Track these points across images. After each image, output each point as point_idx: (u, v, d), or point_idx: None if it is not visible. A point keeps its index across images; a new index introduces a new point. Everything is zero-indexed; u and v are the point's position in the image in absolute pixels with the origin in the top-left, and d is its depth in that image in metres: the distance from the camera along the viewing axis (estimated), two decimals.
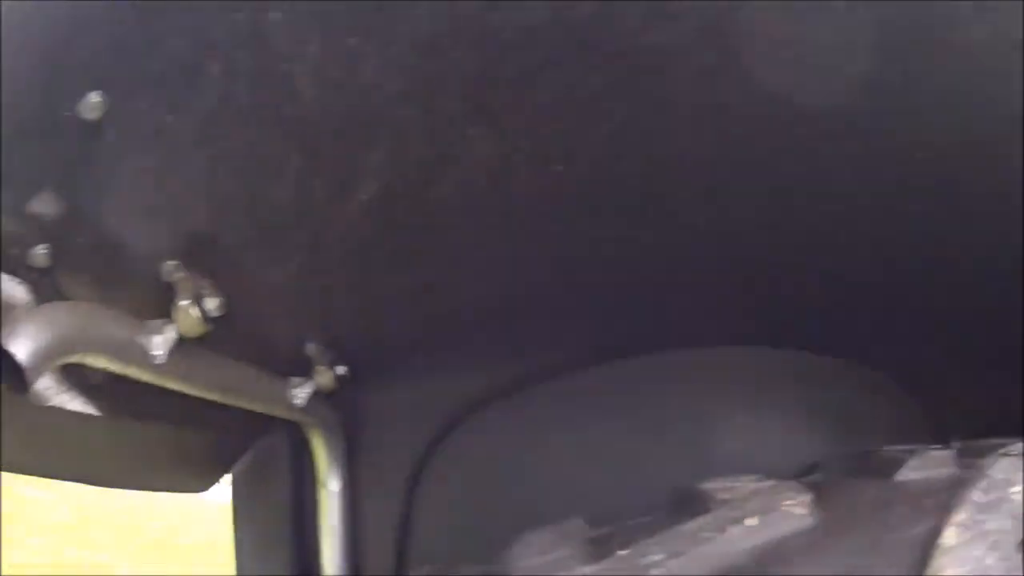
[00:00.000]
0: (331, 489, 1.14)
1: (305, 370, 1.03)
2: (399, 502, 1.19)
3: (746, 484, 0.75)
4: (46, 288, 0.89)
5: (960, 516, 0.64)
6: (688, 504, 0.74)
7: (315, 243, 0.90)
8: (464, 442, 1.19)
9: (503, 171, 0.82)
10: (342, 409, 1.13)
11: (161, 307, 0.84)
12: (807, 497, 0.70)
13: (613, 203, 0.88)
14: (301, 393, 1.03)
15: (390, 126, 0.78)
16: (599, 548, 0.70)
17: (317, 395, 1.04)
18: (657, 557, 0.65)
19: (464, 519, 1.20)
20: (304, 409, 1.03)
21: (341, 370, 1.04)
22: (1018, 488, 0.67)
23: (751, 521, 0.68)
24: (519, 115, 0.77)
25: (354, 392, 1.11)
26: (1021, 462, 0.70)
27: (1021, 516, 0.64)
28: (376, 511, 1.20)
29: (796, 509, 0.69)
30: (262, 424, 1.14)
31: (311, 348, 1.03)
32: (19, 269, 0.88)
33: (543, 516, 0.82)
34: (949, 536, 0.62)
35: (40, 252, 0.88)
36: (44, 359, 0.66)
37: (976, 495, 0.66)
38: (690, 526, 0.69)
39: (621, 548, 0.68)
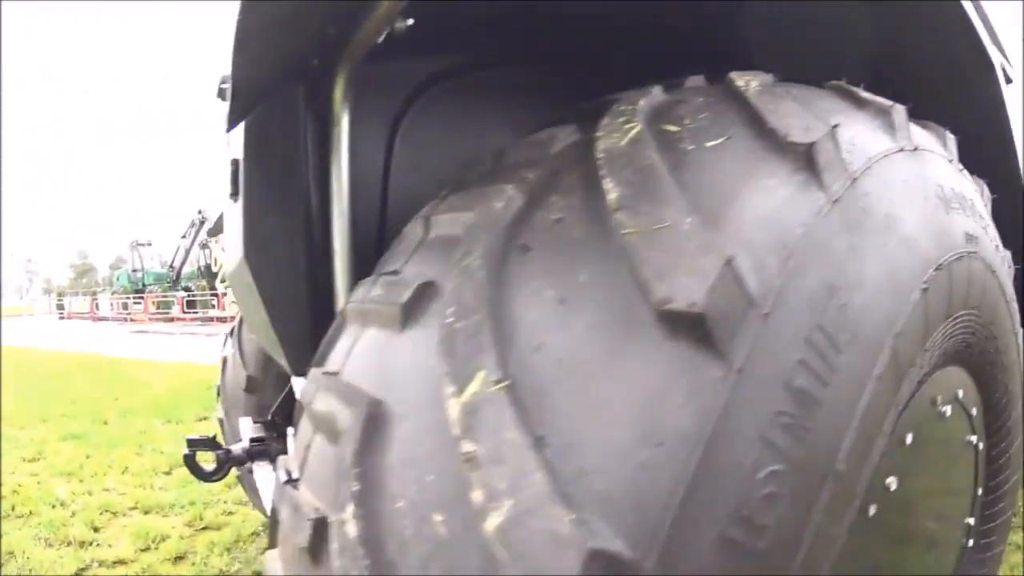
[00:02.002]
0: (340, 138, 1.40)
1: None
2: (382, 152, 1.60)
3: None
4: None
5: None
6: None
7: None
8: (424, 111, 1.63)
9: None
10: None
11: None
12: None
13: None
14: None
15: None
16: None
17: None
18: None
19: (425, 167, 1.61)
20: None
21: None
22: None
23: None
24: None
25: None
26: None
27: None
28: (366, 160, 1.54)
29: None
30: (285, 72, 1.35)
31: None
32: None
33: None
34: None
35: None
36: None
37: None
38: None
39: None
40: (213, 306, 30.36)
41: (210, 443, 2.48)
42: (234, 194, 1.55)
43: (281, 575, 0.93)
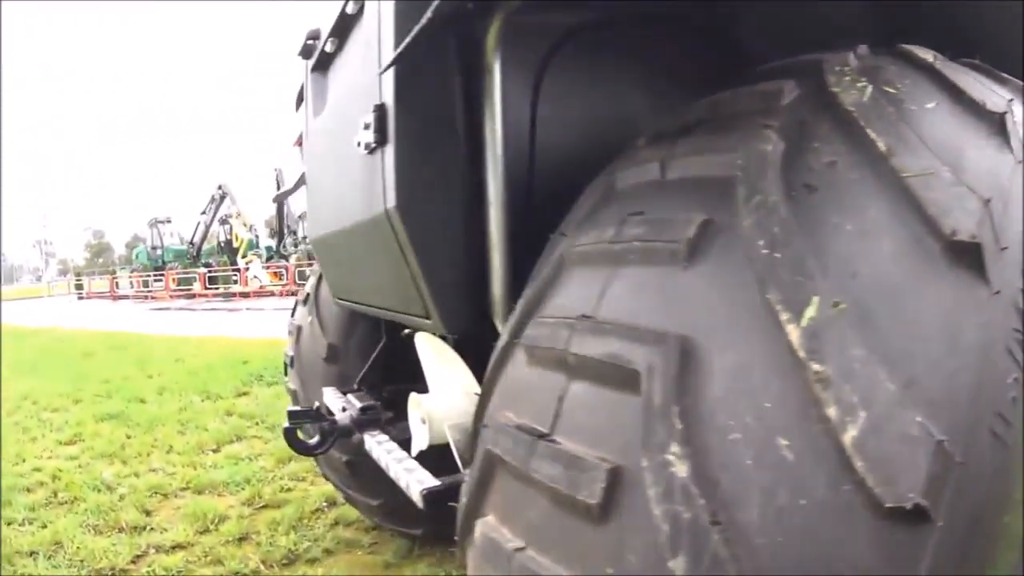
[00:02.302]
0: (492, 87, 1.41)
1: None
2: (528, 102, 1.60)
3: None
4: None
5: None
6: None
7: None
8: (566, 61, 1.64)
9: None
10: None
11: None
12: None
13: None
14: None
15: None
16: None
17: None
18: None
19: (567, 119, 1.66)
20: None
21: None
22: None
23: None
24: None
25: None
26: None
27: None
28: (511, 110, 1.50)
29: None
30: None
31: None
32: None
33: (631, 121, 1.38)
34: None
35: None
36: None
37: None
38: None
39: None
40: (234, 281, 30.39)
41: (314, 415, 2.31)
42: (380, 141, 1.54)
43: (520, 543, 0.95)
